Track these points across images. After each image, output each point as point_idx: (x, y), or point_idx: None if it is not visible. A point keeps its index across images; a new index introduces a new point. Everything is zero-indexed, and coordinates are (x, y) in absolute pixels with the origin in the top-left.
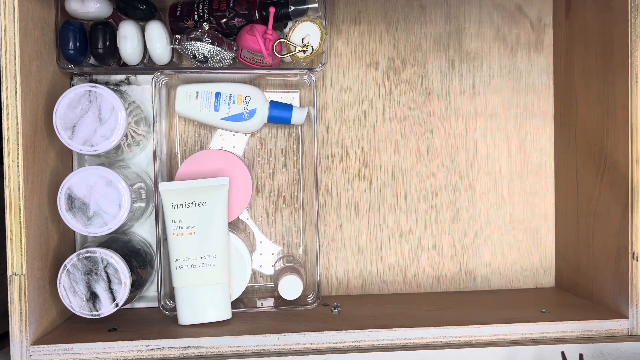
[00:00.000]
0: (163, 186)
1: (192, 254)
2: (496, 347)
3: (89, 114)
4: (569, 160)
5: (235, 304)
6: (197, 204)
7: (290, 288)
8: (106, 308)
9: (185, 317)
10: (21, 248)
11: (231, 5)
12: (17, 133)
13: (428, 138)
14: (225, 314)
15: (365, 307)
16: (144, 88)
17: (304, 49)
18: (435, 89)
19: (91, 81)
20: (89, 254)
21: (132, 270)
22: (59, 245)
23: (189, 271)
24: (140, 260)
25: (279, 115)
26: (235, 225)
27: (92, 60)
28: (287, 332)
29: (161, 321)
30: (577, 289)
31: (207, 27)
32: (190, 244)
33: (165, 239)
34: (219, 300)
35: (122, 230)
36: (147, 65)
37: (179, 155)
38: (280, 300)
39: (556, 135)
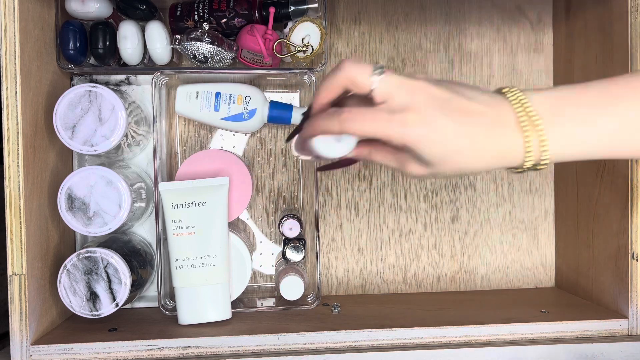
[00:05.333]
0: (163, 186)
1: (192, 254)
2: (496, 347)
3: (89, 114)
4: None
5: (235, 304)
6: (197, 204)
7: (292, 288)
8: (106, 308)
9: (185, 317)
10: (21, 248)
11: (231, 5)
12: (17, 133)
13: None
14: (225, 313)
15: (365, 307)
16: (144, 88)
17: (304, 49)
18: None
19: (91, 81)
20: (89, 254)
21: (132, 270)
22: (59, 245)
23: (189, 271)
24: (140, 260)
25: (279, 115)
26: (235, 225)
27: (92, 60)
28: (287, 332)
29: (161, 321)
30: (577, 289)
31: (207, 27)
32: (190, 243)
33: (166, 239)
34: (219, 300)
35: (122, 230)
36: (147, 65)
37: (179, 155)
38: (280, 300)
39: None
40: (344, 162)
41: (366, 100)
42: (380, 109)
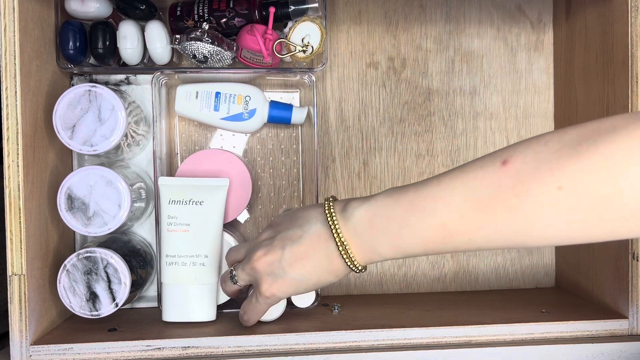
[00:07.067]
0: (162, 180)
1: (183, 252)
2: (496, 347)
3: (89, 113)
4: None
5: (230, 303)
6: (194, 202)
7: (304, 296)
8: (106, 308)
9: (170, 314)
10: (21, 248)
11: (231, 5)
12: (17, 133)
13: (428, 138)
14: (210, 315)
15: (365, 307)
16: (144, 88)
17: (304, 49)
18: (435, 89)
19: (91, 81)
20: (88, 254)
21: (132, 270)
22: (58, 245)
23: (179, 268)
24: (140, 260)
25: (279, 115)
26: (229, 225)
27: (92, 60)
28: (287, 332)
29: (161, 321)
30: (577, 289)
31: (207, 27)
32: (183, 241)
33: None
34: (205, 301)
35: (122, 230)
36: (147, 65)
37: (178, 155)
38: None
39: None
40: None
41: None
42: (250, 297)
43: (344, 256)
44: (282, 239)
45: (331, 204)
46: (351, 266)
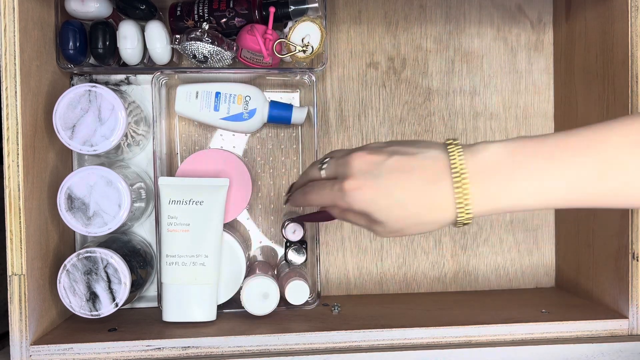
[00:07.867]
0: (162, 180)
1: (184, 252)
2: (496, 347)
3: (89, 113)
4: None
5: (229, 303)
6: (194, 202)
7: (297, 293)
8: (106, 308)
9: (170, 314)
10: (21, 248)
11: (231, 5)
12: (17, 133)
13: (428, 138)
14: (210, 315)
15: (365, 307)
16: (144, 88)
17: (304, 48)
18: (435, 89)
19: (91, 81)
20: (88, 254)
21: (132, 270)
22: (59, 245)
23: (179, 268)
24: (140, 260)
25: (279, 115)
26: (229, 225)
27: (92, 60)
28: (287, 332)
29: (161, 321)
30: (577, 289)
31: (207, 27)
32: (183, 241)
33: None
34: (205, 301)
35: (122, 230)
36: (147, 65)
37: (178, 155)
38: (280, 301)
39: None
40: (322, 217)
41: None
42: (325, 182)
43: (457, 191)
44: (392, 150)
45: (455, 140)
46: (459, 208)
